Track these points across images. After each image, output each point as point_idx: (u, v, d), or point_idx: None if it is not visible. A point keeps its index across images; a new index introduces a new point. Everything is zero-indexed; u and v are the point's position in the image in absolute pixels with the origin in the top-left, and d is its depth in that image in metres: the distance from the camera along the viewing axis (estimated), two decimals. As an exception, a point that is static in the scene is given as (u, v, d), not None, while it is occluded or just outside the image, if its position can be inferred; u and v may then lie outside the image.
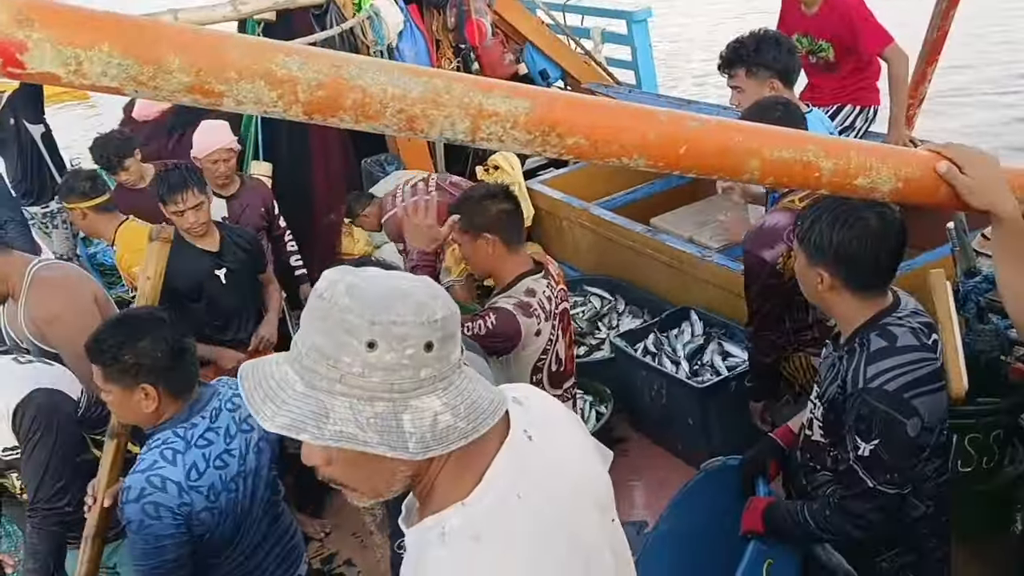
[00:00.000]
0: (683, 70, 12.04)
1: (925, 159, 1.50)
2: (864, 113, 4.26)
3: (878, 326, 1.98)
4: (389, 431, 1.10)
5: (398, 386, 1.10)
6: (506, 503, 1.18)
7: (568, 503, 1.27)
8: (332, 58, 1.14)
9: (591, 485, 1.35)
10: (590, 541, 1.29)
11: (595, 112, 1.29)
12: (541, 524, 1.21)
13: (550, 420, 1.34)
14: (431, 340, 1.11)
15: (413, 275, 1.22)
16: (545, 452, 1.26)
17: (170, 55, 1.06)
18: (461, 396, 1.14)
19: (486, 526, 1.16)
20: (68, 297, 3.00)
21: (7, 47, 1.00)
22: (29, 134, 5.50)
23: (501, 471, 1.19)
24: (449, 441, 1.12)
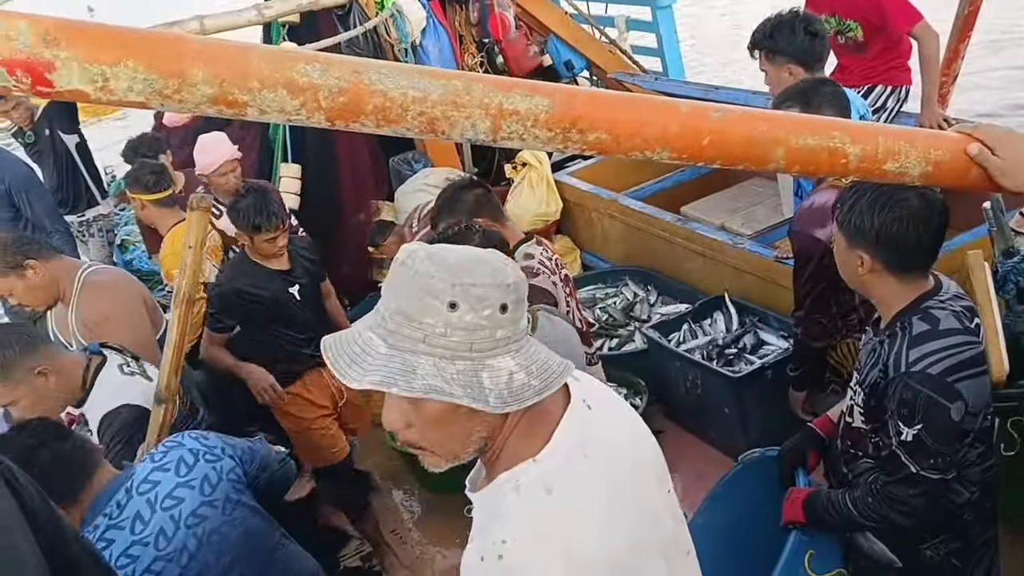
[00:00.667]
0: (710, 55, 11.91)
1: (955, 141, 1.47)
2: (896, 93, 4.19)
3: (920, 309, 1.95)
4: (472, 386, 1.17)
5: (477, 345, 1.18)
6: (574, 461, 1.27)
7: (630, 469, 1.36)
8: (352, 64, 1.15)
9: (647, 457, 1.44)
10: (653, 506, 1.38)
11: (616, 107, 1.29)
12: (608, 483, 1.29)
13: (603, 397, 1.43)
14: (506, 302, 1.19)
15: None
16: (604, 422, 1.36)
17: (193, 68, 1.07)
18: (532, 357, 1.22)
19: (557, 480, 1.24)
20: (117, 299, 3.10)
21: (36, 67, 1.02)
22: (64, 144, 5.59)
23: (567, 433, 1.28)
24: (524, 398, 1.20)
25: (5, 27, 1.01)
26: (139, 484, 2.11)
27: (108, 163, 7.91)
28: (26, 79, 1.02)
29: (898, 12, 3.93)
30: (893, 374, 1.91)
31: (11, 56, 1.01)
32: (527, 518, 1.23)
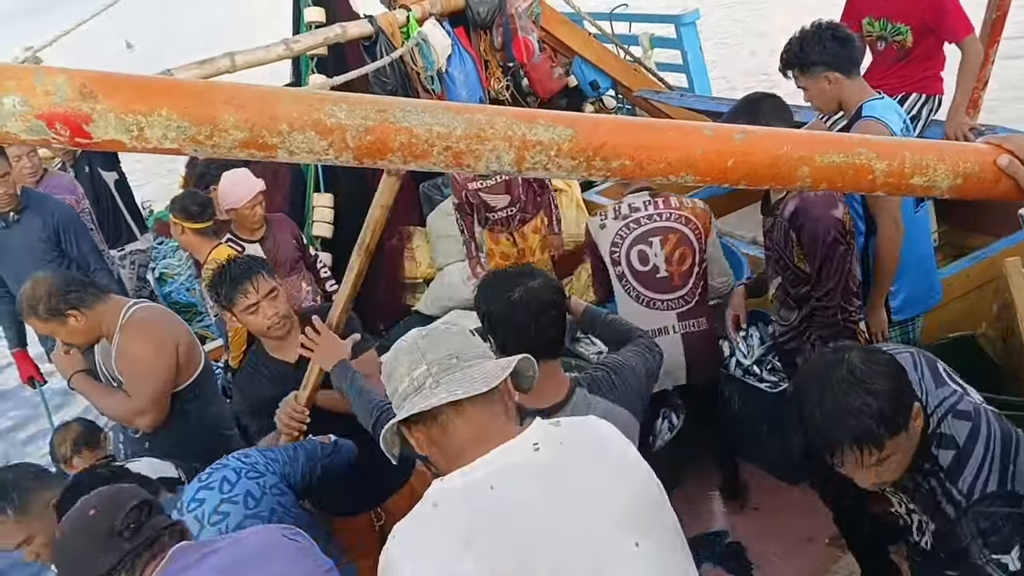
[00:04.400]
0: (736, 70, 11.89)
1: (983, 152, 1.46)
2: (929, 102, 4.16)
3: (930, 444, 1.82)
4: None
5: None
6: (475, 488, 1.44)
7: (557, 513, 1.42)
8: (377, 103, 1.17)
9: (608, 504, 1.46)
10: (573, 558, 1.40)
11: (639, 133, 1.30)
12: (497, 516, 1.41)
13: (585, 443, 1.54)
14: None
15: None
16: (547, 466, 1.46)
17: (224, 114, 1.10)
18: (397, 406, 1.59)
19: (444, 499, 1.46)
20: (148, 341, 3.12)
21: (74, 120, 1.05)
22: (104, 181, 5.72)
23: (484, 464, 1.46)
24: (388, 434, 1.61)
25: (44, 82, 1.05)
26: (188, 503, 2.21)
27: (146, 198, 8.09)
28: (64, 131, 1.06)
29: (956, 18, 3.91)
30: (955, 516, 1.77)
31: (50, 110, 1.05)
32: (408, 523, 1.47)
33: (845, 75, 2.97)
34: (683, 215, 3.37)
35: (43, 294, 3.00)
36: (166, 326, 3.25)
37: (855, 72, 3.02)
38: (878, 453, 1.71)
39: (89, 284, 3.19)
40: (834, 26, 3.03)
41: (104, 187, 5.72)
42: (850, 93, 3.01)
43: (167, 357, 3.13)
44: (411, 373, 1.54)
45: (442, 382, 1.52)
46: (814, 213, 2.74)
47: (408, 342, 1.61)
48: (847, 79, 2.97)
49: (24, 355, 4.83)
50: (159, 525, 1.77)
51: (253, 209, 4.16)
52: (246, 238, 4.24)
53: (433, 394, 1.51)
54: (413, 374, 1.54)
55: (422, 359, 1.55)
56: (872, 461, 1.72)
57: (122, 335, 3.11)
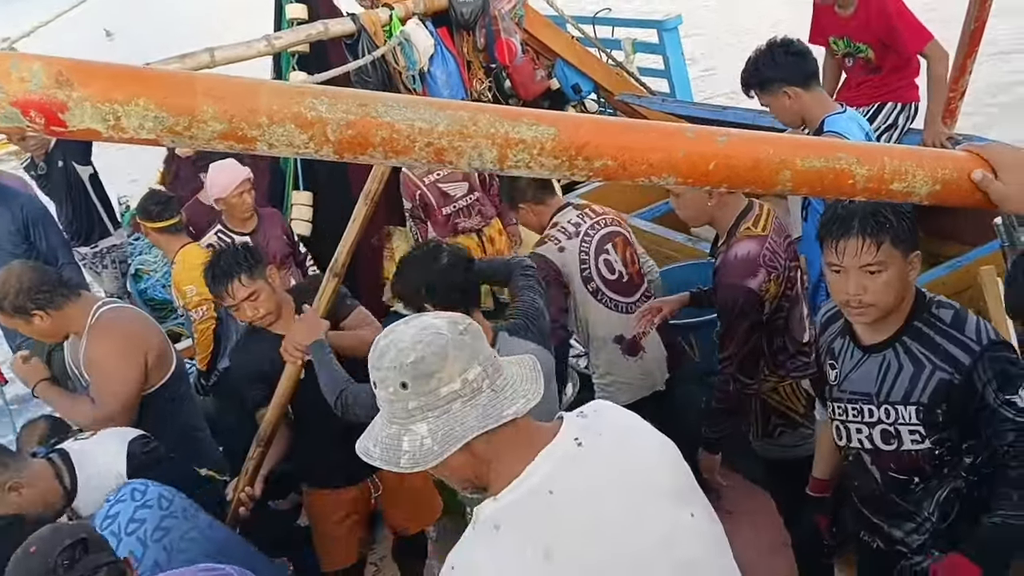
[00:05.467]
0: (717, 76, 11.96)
1: (962, 161, 1.47)
2: (906, 110, 4.20)
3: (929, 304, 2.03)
4: (390, 448, 1.40)
5: (396, 416, 1.40)
6: (534, 496, 1.38)
7: (613, 503, 1.41)
8: (359, 97, 1.16)
9: (660, 480, 1.48)
10: (649, 538, 1.41)
11: (621, 134, 1.29)
12: (566, 518, 1.37)
13: (610, 429, 1.51)
14: (404, 380, 1.37)
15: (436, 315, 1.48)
16: (593, 458, 1.43)
17: (203, 104, 1.09)
18: (445, 423, 1.37)
19: (507, 517, 1.38)
20: (117, 343, 3.07)
21: (48, 107, 1.03)
22: (78, 175, 5.65)
23: (534, 471, 1.40)
24: (428, 460, 1.38)
25: (19, 69, 1.03)
26: (101, 521, 2.25)
27: (122, 193, 8.00)
28: (40, 119, 1.04)
29: (909, 33, 3.95)
30: (970, 361, 1.92)
31: (25, 97, 1.03)
32: (472, 551, 1.39)
33: (803, 88, 3.03)
34: (614, 218, 3.38)
35: (11, 290, 2.94)
36: (135, 329, 3.19)
37: (814, 84, 3.08)
38: (875, 250, 1.88)
39: (60, 284, 3.11)
40: (787, 42, 3.08)
41: (78, 181, 5.65)
42: (811, 107, 3.07)
43: (135, 361, 3.07)
44: (464, 374, 1.37)
45: (498, 387, 1.41)
46: (727, 280, 2.62)
47: (449, 335, 1.40)
48: (806, 92, 3.04)
49: None
50: (94, 563, 1.83)
51: (241, 196, 4.13)
52: (237, 230, 4.21)
53: (506, 401, 1.39)
54: (467, 375, 1.37)
55: (475, 358, 1.39)
56: (866, 259, 1.89)
57: (89, 336, 3.06)
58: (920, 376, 1.98)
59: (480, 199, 4.91)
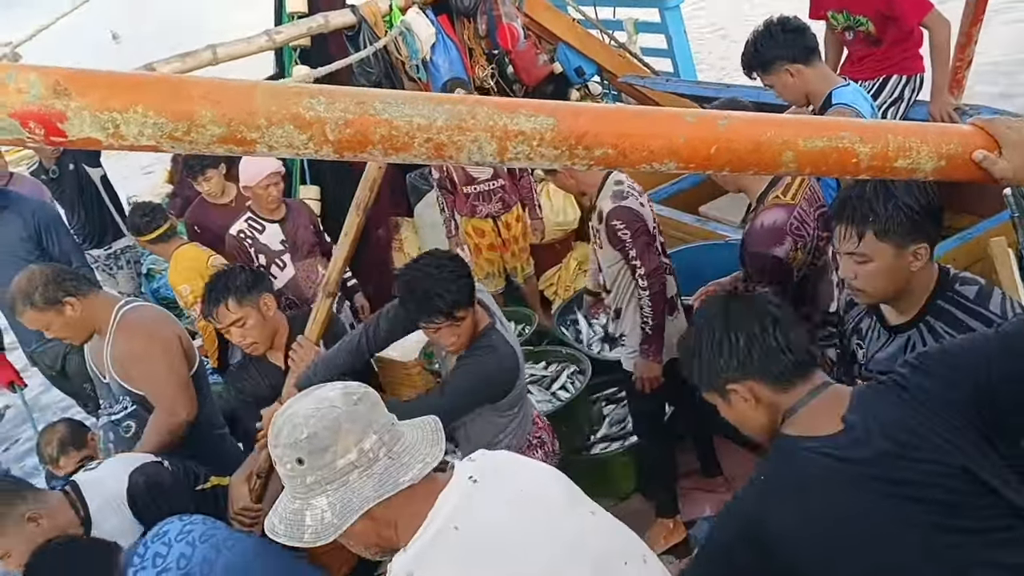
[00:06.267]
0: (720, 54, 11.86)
1: (967, 135, 1.46)
2: (911, 82, 4.15)
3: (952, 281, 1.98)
4: (294, 524, 1.42)
5: (296, 491, 1.43)
6: (441, 537, 1.41)
7: (516, 525, 1.46)
8: (356, 95, 1.16)
9: (554, 496, 1.56)
10: (559, 546, 1.46)
11: (621, 121, 1.29)
12: (475, 549, 1.41)
13: (500, 465, 1.59)
14: (300, 456, 1.40)
15: (330, 387, 1.51)
16: (490, 490, 1.49)
17: (201, 109, 1.09)
18: (343, 495, 1.40)
19: (418, 563, 1.41)
20: (152, 338, 3.10)
21: (47, 118, 1.04)
22: (89, 178, 5.68)
23: (436, 514, 1.44)
24: (328, 534, 1.40)
25: (16, 80, 1.03)
26: (151, 537, 2.30)
27: (131, 193, 8.03)
28: (39, 130, 1.05)
29: (908, 4, 3.90)
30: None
31: (23, 108, 1.03)
32: None
33: (805, 64, 3.02)
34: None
35: (39, 283, 2.96)
36: (163, 324, 3.23)
37: (815, 59, 3.06)
38: (856, 241, 1.87)
39: (81, 275, 3.16)
40: (784, 20, 3.07)
41: (90, 183, 5.68)
42: (814, 81, 3.06)
43: (174, 350, 3.12)
44: (360, 444, 1.41)
45: (395, 453, 1.45)
46: (753, 248, 2.65)
47: (343, 407, 1.44)
48: (808, 68, 3.02)
49: (2, 359, 4.79)
50: None
51: (267, 189, 4.15)
52: (265, 217, 4.23)
53: (403, 468, 1.43)
54: (363, 445, 1.41)
55: (369, 427, 1.44)
56: (848, 247, 1.89)
57: (116, 336, 3.07)
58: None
59: (504, 187, 4.90)
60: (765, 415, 1.63)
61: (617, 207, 3.12)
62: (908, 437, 1.48)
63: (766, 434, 1.65)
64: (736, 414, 1.68)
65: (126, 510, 2.60)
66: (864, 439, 1.51)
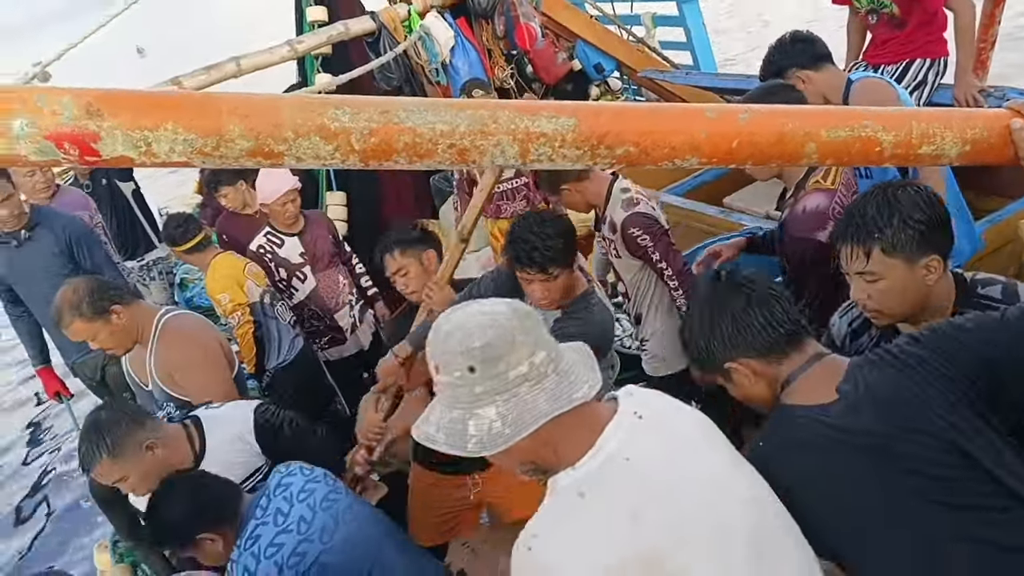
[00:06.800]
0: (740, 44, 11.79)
1: (992, 118, 1.45)
2: (935, 66, 4.09)
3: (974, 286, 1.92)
4: (455, 433, 1.40)
5: (461, 400, 1.40)
6: (611, 464, 1.40)
7: (688, 471, 1.44)
8: (380, 104, 1.18)
9: (715, 457, 1.51)
10: (724, 501, 1.43)
11: (642, 119, 1.30)
12: (645, 484, 1.39)
13: (659, 407, 1.56)
14: (472, 364, 1.38)
15: (495, 302, 1.47)
16: (655, 429, 1.47)
17: (229, 124, 1.12)
18: (515, 406, 1.39)
19: (590, 484, 1.39)
20: (196, 346, 3.17)
21: (81, 139, 1.07)
22: (121, 192, 5.77)
23: (607, 440, 1.42)
24: (497, 444, 1.39)
25: (50, 102, 1.07)
26: (274, 488, 2.38)
27: (162, 204, 8.15)
28: (74, 151, 1.08)
29: None
30: None
31: (58, 130, 1.06)
32: (556, 519, 1.40)
33: (813, 70, 3.12)
34: None
35: (85, 293, 3.02)
36: (204, 330, 3.30)
37: (824, 64, 3.16)
38: (864, 260, 1.84)
39: (121, 285, 3.23)
40: (795, 33, 3.22)
41: (122, 198, 5.77)
42: (827, 81, 3.14)
43: (217, 352, 3.20)
44: (531, 358, 1.40)
45: (562, 371, 1.44)
46: (796, 233, 2.64)
47: (515, 319, 1.42)
48: (816, 73, 3.12)
49: (49, 371, 4.87)
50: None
51: (284, 207, 4.18)
52: (283, 231, 4.28)
53: (572, 386, 1.42)
54: (534, 359, 1.40)
55: (539, 343, 1.42)
56: (857, 267, 1.87)
57: (159, 345, 3.13)
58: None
59: (528, 184, 4.92)
60: (765, 388, 1.69)
61: (632, 215, 3.13)
62: (901, 409, 1.50)
63: (769, 405, 1.70)
64: (740, 390, 1.73)
65: (248, 444, 2.72)
66: (856, 408, 1.54)
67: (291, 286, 4.30)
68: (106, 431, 2.45)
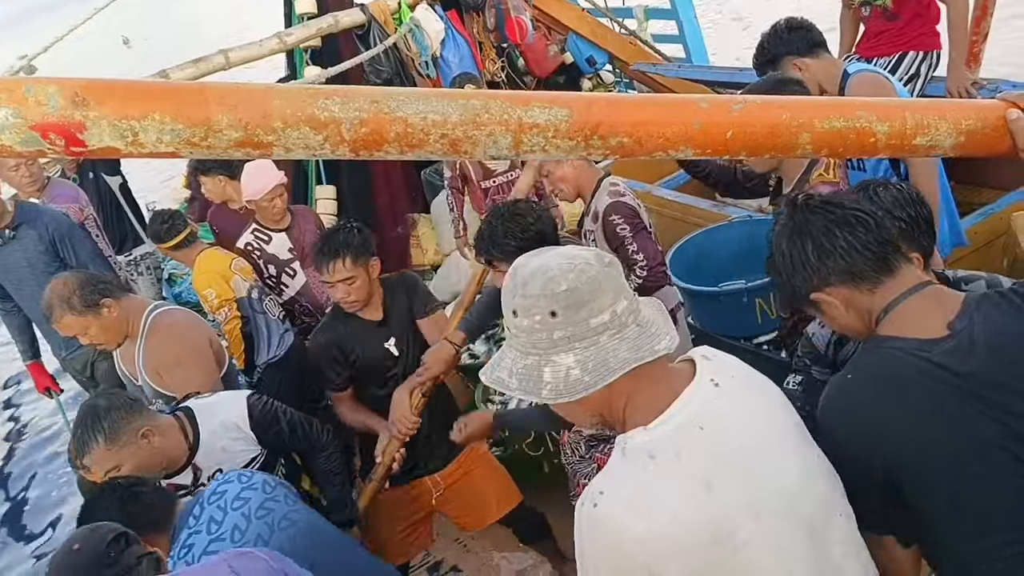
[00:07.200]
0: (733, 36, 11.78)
1: (986, 109, 1.44)
2: (928, 59, 4.10)
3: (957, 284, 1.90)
4: (529, 379, 1.37)
5: (539, 345, 1.36)
6: (686, 430, 1.35)
7: (759, 440, 1.40)
8: (370, 94, 1.17)
9: (784, 428, 1.47)
10: (790, 473, 1.40)
11: (635, 109, 1.29)
12: (720, 453, 1.35)
13: (736, 374, 1.49)
14: (554, 309, 1.34)
15: (576, 248, 1.43)
16: (729, 397, 1.42)
17: (218, 114, 1.10)
18: (596, 354, 1.35)
19: (661, 447, 1.34)
20: (184, 344, 3.13)
21: (67, 129, 1.05)
22: (108, 186, 5.72)
23: (684, 405, 1.37)
24: (576, 391, 1.35)
25: (35, 92, 1.05)
26: (208, 496, 2.30)
27: (150, 199, 8.10)
28: (59, 141, 1.06)
29: None
30: None
31: (43, 120, 1.04)
32: (624, 478, 1.34)
33: (809, 58, 3.09)
34: None
35: (76, 287, 3.00)
36: (194, 325, 3.27)
37: (819, 53, 3.13)
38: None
39: (110, 279, 3.20)
40: (790, 19, 3.17)
41: (108, 191, 5.72)
42: (823, 70, 3.10)
43: (205, 350, 3.17)
44: (614, 306, 1.36)
45: (642, 323, 1.40)
46: None
47: (599, 267, 1.38)
48: (813, 61, 3.09)
49: (39, 366, 4.84)
50: (138, 553, 1.95)
51: (272, 202, 4.13)
52: (271, 227, 4.24)
53: (655, 337, 1.39)
54: (616, 308, 1.36)
55: (621, 292, 1.38)
56: None
57: (148, 341, 3.11)
58: None
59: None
60: (858, 319, 1.57)
61: (615, 202, 3.15)
62: (1018, 357, 1.41)
63: (865, 338, 1.60)
64: (833, 322, 1.62)
65: (244, 432, 2.69)
66: (968, 350, 1.44)
67: (281, 282, 4.27)
68: (104, 416, 2.42)
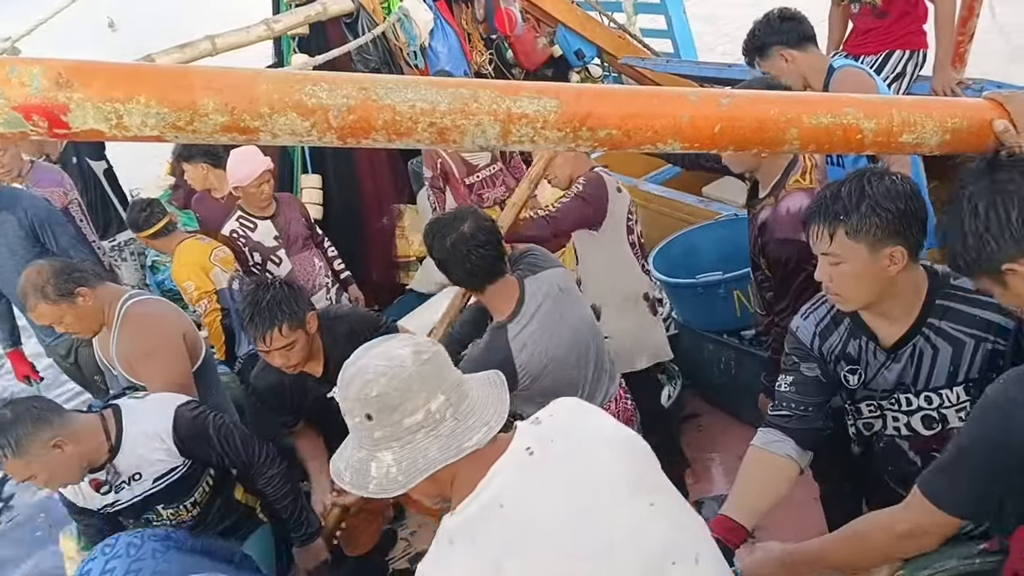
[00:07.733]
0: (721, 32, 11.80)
1: (972, 108, 1.45)
2: (914, 58, 4.12)
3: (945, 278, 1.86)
4: (359, 472, 1.44)
5: (363, 442, 1.44)
6: (487, 511, 1.40)
7: (567, 507, 1.41)
8: (359, 81, 1.16)
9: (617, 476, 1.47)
10: (616, 529, 1.41)
11: (624, 102, 1.29)
12: (518, 530, 1.38)
13: (572, 429, 1.52)
14: (369, 412, 1.40)
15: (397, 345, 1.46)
16: (547, 463, 1.44)
17: (204, 98, 1.09)
18: (409, 453, 1.42)
19: (460, 532, 1.40)
20: (156, 336, 3.09)
21: (51, 110, 1.04)
22: (92, 171, 5.66)
23: (486, 486, 1.41)
24: (392, 489, 1.42)
25: (19, 73, 1.04)
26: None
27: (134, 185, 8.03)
28: (43, 123, 1.05)
29: None
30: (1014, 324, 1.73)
31: (26, 101, 1.03)
32: (430, 564, 1.43)
33: (797, 50, 3.08)
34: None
35: (50, 275, 2.96)
36: (167, 318, 3.23)
37: (808, 46, 3.13)
38: (828, 240, 1.78)
39: (87, 267, 3.16)
40: (782, 9, 3.15)
41: (92, 176, 5.66)
42: (809, 64, 3.11)
43: (177, 343, 3.13)
44: (428, 405, 1.41)
45: (461, 414, 1.44)
46: (780, 235, 2.58)
47: (412, 367, 1.42)
48: (801, 53, 3.08)
49: (19, 354, 4.78)
50: None
51: (260, 187, 4.10)
52: (256, 215, 4.21)
53: (468, 432, 1.43)
54: (430, 406, 1.41)
55: (438, 388, 1.43)
56: (821, 247, 1.80)
57: (122, 330, 3.08)
58: (963, 354, 1.86)
59: (503, 170, 4.87)
60: None
61: (594, 173, 3.18)
62: None
63: None
64: (1018, 299, 1.48)
65: (165, 445, 2.65)
66: None
67: (266, 270, 4.25)
68: (8, 430, 2.40)
